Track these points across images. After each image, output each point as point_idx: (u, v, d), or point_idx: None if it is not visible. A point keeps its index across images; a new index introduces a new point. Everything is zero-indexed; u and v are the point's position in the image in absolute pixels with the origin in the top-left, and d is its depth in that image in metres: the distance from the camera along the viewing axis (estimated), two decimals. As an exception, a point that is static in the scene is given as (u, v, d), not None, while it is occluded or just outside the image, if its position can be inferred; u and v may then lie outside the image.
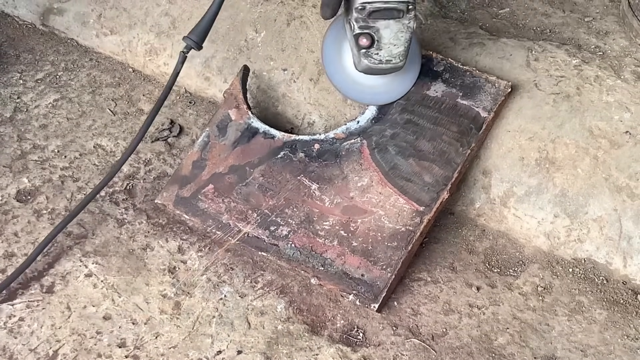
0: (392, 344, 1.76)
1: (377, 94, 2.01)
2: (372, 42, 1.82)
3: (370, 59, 1.85)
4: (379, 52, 1.84)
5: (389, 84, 1.99)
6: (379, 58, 1.84)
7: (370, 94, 2.01)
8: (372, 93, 2.00)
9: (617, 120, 1.93)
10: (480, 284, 1.88)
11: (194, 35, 1.95)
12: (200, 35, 1.96)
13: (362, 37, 1.82)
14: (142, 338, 1.74)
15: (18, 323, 1.75)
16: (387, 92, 2.01)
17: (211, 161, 2.00)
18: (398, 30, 1.81)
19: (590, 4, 2.25)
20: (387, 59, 1.85)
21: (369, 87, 1.99)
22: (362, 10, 1.78)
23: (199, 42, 1.96)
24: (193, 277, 1.87)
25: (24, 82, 2.31)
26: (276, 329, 1.78)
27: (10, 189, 2.01)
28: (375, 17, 1.78)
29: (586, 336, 1.79)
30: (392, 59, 1.85)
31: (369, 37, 1.81)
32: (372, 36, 1.81)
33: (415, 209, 1.88)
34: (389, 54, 1.84)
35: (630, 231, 1.88)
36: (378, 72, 1.90)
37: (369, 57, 1.84)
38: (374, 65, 1.86)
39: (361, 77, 1.98)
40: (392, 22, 1.80)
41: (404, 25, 1.81)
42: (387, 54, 1.84)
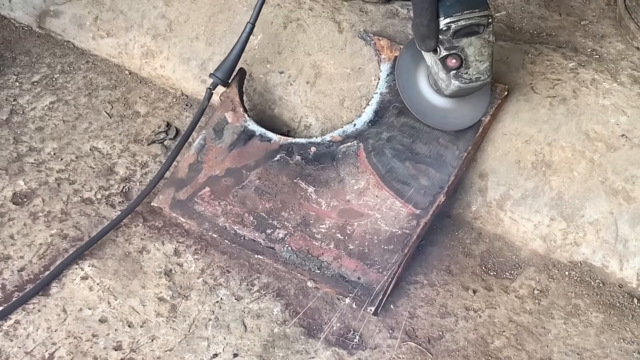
0: (388, 347, 1.76)
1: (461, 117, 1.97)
2: (460, 63, 1.77)
3: (461, 79, 1.79)
4: (468, 70, 1.79)
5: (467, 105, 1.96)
6: (469, 77, 1.80)
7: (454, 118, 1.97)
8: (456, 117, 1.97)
9: (614, 124, 1.93)
10: (476, 287, 1.88)
11: (220, 72, 2.06)
12: (226, 73, 2.06)
13: (450, 58, 1.76)
14: (138, 341, 1.74)
15: (14, 326, 1.75)
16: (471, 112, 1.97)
17: (207, 164, 2.00)
18: (481, 45, 1.77)
19: (587, 7, 2.25)
20: (476, 76, 1.80)
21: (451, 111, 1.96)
22: (447, 31, 1.73)
23: (225, 79, 2.06)
24: (189, 279, 1.86)
25: (20, 84, 2.30)
26: (272, 332, 1.78)
27: (6, 191, 2.01)
28: (459, 35, 1.74)
29: (582, 339, 1.79)
30: (480, 76, 1.80)
31: (457, 58, 1.76)
32: (459, 56, 1.76)
33: (412, 212, 1.88)
34: (476, 71, 1.79)
35: (626, 234, 1.88)
36: (468, 91, 1.85)
37: (459, 77, 1.79)
38: (464, 85, 1.81)
39: (441, 101, 1.95)
40: (474, 39, 1.75)
41: (485, 40, 1.77)
42: (475, 71, 1.79)
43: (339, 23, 2.15)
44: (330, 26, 2.15)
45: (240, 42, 2.05)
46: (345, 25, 2.15)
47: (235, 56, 2.06)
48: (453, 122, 1.96)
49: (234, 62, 2.06)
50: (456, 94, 1.87)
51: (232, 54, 2.06)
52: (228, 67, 2.06)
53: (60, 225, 1.95)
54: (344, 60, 2.13)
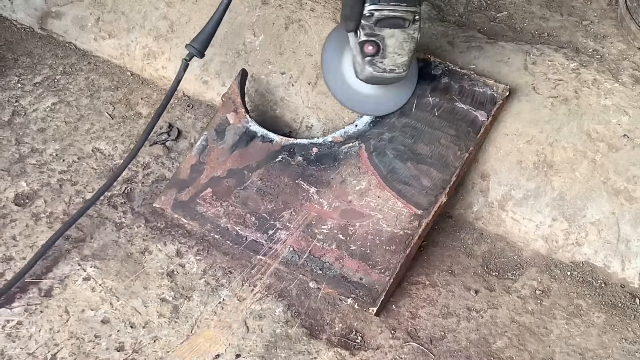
0: (390, 347, 1.76)
1: (375, 104, 2.00)
2: (377, 50, 1.81)
3: (375, 67, 1.83)
4: (384, 60, 1.83)
5: (387, 94, 1.99)
6: (383, 67, 1.83)
7: (368, 103, 2.00)
8: (371, 103, 2.00)
9: (615, 124, 1.93)
10: (478, 288, 1.88)
11: (197, 43, 1.99)
12: (203, 44, 1.99)
13: (367, 44, 1.81)
14: (140, 342, 1.74)
15: (16, 327, 1.75)
16: (385, 102, 2.00)
17: (209, 165, 2.00)
18: (403, 39, 1.81)
19: (588, 8, 2.25)
20: (391, 67, 1.84)
21: (367, 97, 1.99)
22: (370, 18, 1.78)
23: (202, 50, 1.99)
24: (191, 280, 1.87)
25: (22, 85, 2.30)
26: (274, 333, 1.78)
27: (8, 192, 2.01)
28: (382, 25, 1.78)
29: (584, 339, 1.79)
30: (395, 68, 1.84)
31: (374, 45, 1.81)
32: (377, 44, 1.81)
33: (414, 212, 1.88)
34: (393, 62, 1.83)
35: (628, 234, 1.88)
36: (380, 81, 1.89)
37: (373, 65, 1.83)
38: (377, 74, 1.85)
39: (361, 87, 1.97)
40: (397, 32, 1.80)
41: (409, 35, 1.81)
42: (391, 62, 1.83)
43: (341, 24, 2.15)
44: (332, 27, 2.15)
45: (218, 13, 1.98)
46: (346, 26, 2.15)
47: (212, 27, 1.99)
48: (372, 107, 2.00)
49: (210, 34, 2.00)
50: (369, 81, 1.90)
51: (209, 25, 1.99)
52: (205, 38, 2.00)
53: (63, 227, 1.95)
54: (346, 61, 2.13)
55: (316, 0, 2.21)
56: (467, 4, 2.29)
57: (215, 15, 1.99)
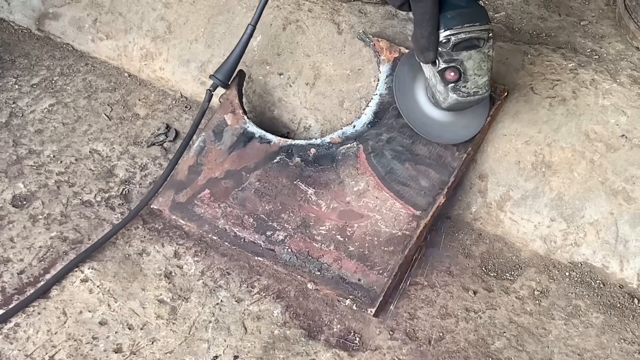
0: (389, 348, 1.76)
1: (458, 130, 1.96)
2: (459, 76, 1.76)
3: (459, 92, 1.78)
4: (466, 84, 1.77)
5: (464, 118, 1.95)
6: (467, 90, 1.78)
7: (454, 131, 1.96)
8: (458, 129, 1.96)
9: (613, 124, 1.93)
10: (476, 288, 1.88)
11: (220, 74, 2.05)
12: (226, 74, 2.05)
13: (448, 71, 1.75)
14: (138, 343, 1.74)
15: (14, 329, 1.75)
16: (468, 125, 1.96)
17: (207, 166, 2.00)
18: (480, 60, 1.76)
19: (586, 8, 2.25)
20: (474, 90, 1.79)
21: (450, 124, 1.95)
22: (447, 44, 1.72)
23: (225, 81, 2.05)
24: (189, 282, 1.86)
25: (20, 87, 2.30)
26: (273, 334, 1.78)
27: (5, 194, 2.01)
28: (459, 49, 1.73)
29: (583, 340, 1.78)
30: (479, 90, 1.79)
31: (456, 71, 1.75)
32: (458, 69, 1.75)
33: (412, 213, 1.88)
34: (475, 85, 1.78)
35: (626, 235, 1.88)
36: (466, 105, 1.84)
37: (457, 91, 1.78)
38: (462, 99, 1.79)
39: (438, 114, 1.94)
40: (474, 53, 1.74)
41: (485, 55, 1.76)
42: (473, 85, 1.78)
43: (338, 24, 2.15)
44: (330, 27, 2.15)
45: (241, 44, 2.04)
46: (344, 26, 2.15)
47: (236, 58, 2.05)
48: (450, 136, 1.95)
49: (234, 64, 2.06)
50: (454, 108, 1.86)
51: (232, 55, 2.05)
52: (228, 69, 2.06)
53: (60, 228, 1.94)
54: (344, 61, 2.13)
55: (314, 1, 2.21)
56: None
57: (238, 46, 2.05)
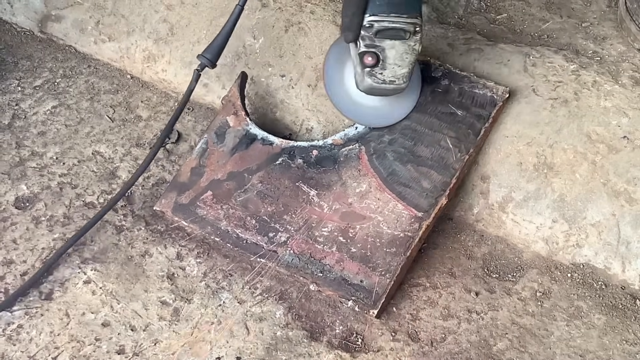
0: (391, 349, 1.76)
1: (376, 116, 1.99)
2: (377, 61, 1.80)
3: (374, 78, 1.82)
4: (383, 72, 1.82)
5: (387, 106, 1.99)
6: (383, 78, 1.82)
7: (369, 115, 1.99)
8: (372, 115, 1.99)
9: (615, 125, 1.93)
10: (479, 290, 1.88)
11: (208, 53, 2.02)
12: (214, 54, 2.02)
13: (367, 55, 1.79)
14: (140, 345, 1.74)
15: (17, 330, 1.75)
16: (386, 114, 1.99)
17: (209, 168, 2.00)
18: (404, 51, 1.79)
19: (588, 9, 2.25)
20: (391, 79, 1.83)
21: (368, 108, 1.98)
22: (370, 29, 1.76)
23: (213, 60, 2.02)
24: (192, 283, 1.87)
25: (22, 89, 2.31)
26: (275, 335, 1.78)
27: (8, 195, 2.01)
28: (382, 36, 1.76)
29: (585, 341, 1.79)
30: (395, 80, 1.83)
31: (374, 56, 1.79)
32: (377, 55, 1.79)
33: (414, 214, 1.88)
34: (393, 74, 1.82)
35: (628, 236, 1.88)
36: (380, 92, 1.88)
37: (372, 76, 1.82)
38: (376, 85, 1.84)
39: (362, 98, 1.96)
40: (397, 43, 1.78)
41: (409, 47, 1.79)
42: (391, 74, 1.82)
43: (340, 27, 2.15)
44: (332, 29, 2.15)
45: (229, 24, 2.01)
46: (346, 28, 2.15)
47: (224, 38, 2.02)
48: (373, 119, 1.99)
49: (222, 44, 2.03)
50: (369, 92, 1.89)
51: (220, 35, 2.02)
52: (216, 49, 2.03)
53: (63, 230, 1.95)
54: (346, 63, 2.13)
55: (316, 3, 2.21)
56: (466, 6, 2.29)
57: (226, 26, 2.02)
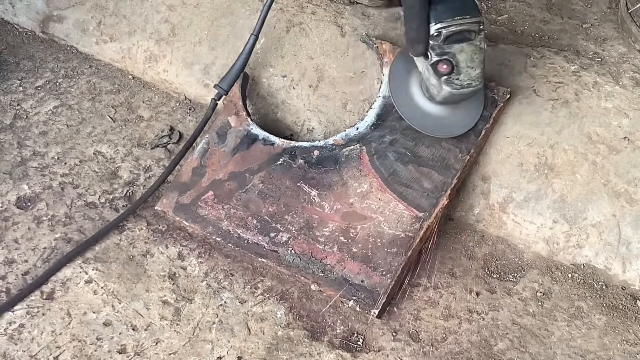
0: (392, 349, 1.76)
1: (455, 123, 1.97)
2: (452, 68, 1.78)
3: (452, 84, 1.80)
4: (459, 76, 1.80)
5: (459, 112, 1.97)
6: (460, 83, 1.81)
7: (449, 125, 1.97)
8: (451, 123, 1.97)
9: (616, 126, 1.93)
10: (479, 290, 1.88)
11: (224, 84, 2.11)
12: (230, 84, 2.11)
13: (441, 63, 1.78)
14: (142, 344, 1.75)
15: (18, 329, 1.75)
16: (463, 119, 1.97)
17: (211, 168, 2.01)
18: (472, 52, 1.78)
19: (589, 11, 2.25)
20: (468, 82, 1.81)
21: (444, 119, 1.96)
22: (438, 37, 1.74)
23: (229, 90, 2.11)
24: (193, 283, 1.87)
25: (24, 89, 2.31)
26: (276, 335, 1.78)
27: (10, 195, 2.02)
28: (450, 41, 1.75)
29: (585, 341, 1.79)
30: (472, 82, 1.81)
31: (448, 63, 1.77)
32: (450, 62, 1.77)
33: (415, 215, 1.88)
34: (468, 77, 1.80)
35: (629, 236, 1.88)
36: (459, 97, 1.86)
37: (450, 83, 1.80)
38: (455, 91, 1.82)
39: (433, 108, 1.95)
40: (466, 45, 1.77)
41: (476, 47, 1.78)
42: (466, 77, 1.80)
43: (342, 27, 2.16)
44: (333, 30, 2.16)
45: (244, 54, 2.10)
46: (347, 29, 2.16)
47: (239, 68, 2.11)
48: (446, 129, 1.96)
49: (237, 73, 2.11)
50: (448, 100, 1.88)
51: (236, 65, 2.11)
52: (232, 79, 2.11)
53: (65, 229, 1.95)
54: (347, 64, 2.14)
55: (317, 4, 2.21)
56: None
57: (241, 56, 2.11)
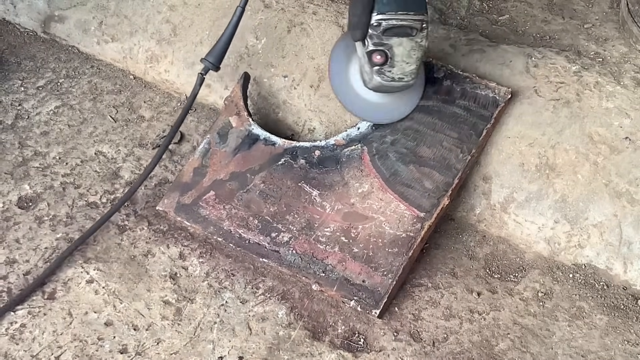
0: (393, 349, 1.76)
1: (382, 112, 2.00)
2: (385, 60, 1.81)
3: (383, 76, 1.83)
4: (392, 69, 1.83)
5: (393, 102, 1.99)
6: (392, 75, 1.83)
7: (375, 111, 2.00)
8: (378, 111, 2.00)
9: (617, 126, 1.93)
10: (480, 290, 1.88)
11: (212, 57, 2.03)
12: (217, 57, 2.03)
13: (375, 54, 1.80)
14: (143, 344, 1.75)
15: (20, 329, 1.75)
16: (391, 110, 2.00)
17: (212, 168, 2.01)
18: (411, 48, 1.81)
19: (590, 11, 2.25)
20: (399, 76, 1.84)
21: (374, 105, 1.99)
22: (377, 27, 1.77)
23: (217, 63, 2.04)
24: (194, 283, 1.87)
25: (25, 89, 2.31)
26: (277, 335, 1.78)
27: (11, 195, 2.02)
28: (389, 34, 1.78)
29: (587, 342, 1.79)
30: (404, 77, 1.84)
31: (382, 54, 1.80)
32: (385, 53, 1.80)
33: (416, 215, 1.88)
34: (401, 71, 1.83)
35: (630, 237, 1.88)
36: (389, 89, 1.89)
37: (381, 74, 1.83)
38: (386, 83, 1.85)
39: (368, 94, 1.98)
40: (405, 40, 1.79)
41: (416, 44, 1.80)
42: (399, 71, 1.83)
43: (343, 27, 2.16)
44: (334, 30, 2.16)
45: (231, 26, 2.03)
46: (348, 29, 2.16)
47: (226, 40, 2.04)
48: (376, 115, 2.00)
49: (225, 46, 2.05)
50: (378, 90, 1.91)
51: (222, 38, 2.04)
52: (219, 52, 2.04)
53: (66, 229, 1.95)
54: (348, 64, 2.14)
55: (318, 4, 2.21)
56: (469, 7, 2.29)
57: (228, 28, 2.03)
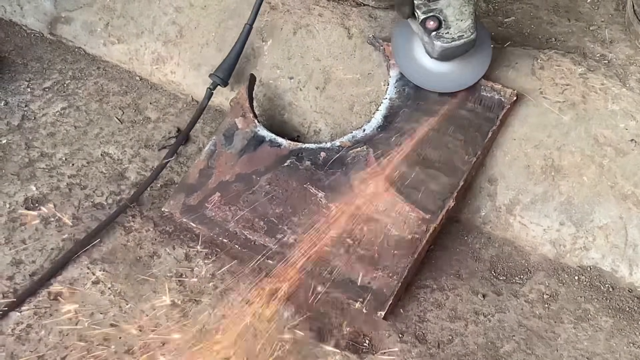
0: (398, 351, 1.76)
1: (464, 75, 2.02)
2: (439, 23, 1.85)
3: (443, 39, 1.86)
4: (449, 30, 1.86)
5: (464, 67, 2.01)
6: (450, 36, 1.86)
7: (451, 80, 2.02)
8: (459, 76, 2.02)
9: (623, 129, 1.93)
10: (486, 292, 1.88)
11: (220, 72, 2.12)
12: (225, 73, 2.13)
13: (428, 20, 1.85)
14: (149, 345, 1.75)
15: (26, 330, 1.76)
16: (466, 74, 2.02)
17: (218, 169, 2.01)
18: (460, 5, 1.85)
19: (596, 13, 2.25)
20: (459, 34, 1.87)
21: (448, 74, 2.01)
22: None
23: (225, 79, 2.12)
24: (200, 284, 1.87)
25: (32, 90, 2.32)
26: (283, 337, 1.78)
27: (18, 196, 2.02)
28: None
29: (592, 344, 1.79)
30: (463, 34, 1.87)
31: (435, 19, 1.84)
32: (437, 17, 1.84)
33: (422, 216, 1.88)
34: (458, 29, 1.86)
35: (636, 239, 1.88)
36: (455, 51, 1.91)
37: (440, 38, 1.86)
38: (447, 45, 1.88)
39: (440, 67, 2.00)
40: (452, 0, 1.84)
41: (464, 0, 1.85)
42: (456, 30, 1.86)
43: (349, 29, 2.16)
44: (340, 32, 2.16)
45: (239, 43, 2.10)
46: (354, 31, 2.16)
47: (235, 56, 2.11)
48: (451, 84, 2.01)
49: (233, 62, 2.11)
50: (444, 55, 1.92)
51: (231, 54, 2.11)
52: (228, 67, 2.12)
53: (72, 230, 1.96)
54: (354, 65, 2.14)
55: (324, 6, 2.21)
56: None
57: (236, 45, 2.11)
